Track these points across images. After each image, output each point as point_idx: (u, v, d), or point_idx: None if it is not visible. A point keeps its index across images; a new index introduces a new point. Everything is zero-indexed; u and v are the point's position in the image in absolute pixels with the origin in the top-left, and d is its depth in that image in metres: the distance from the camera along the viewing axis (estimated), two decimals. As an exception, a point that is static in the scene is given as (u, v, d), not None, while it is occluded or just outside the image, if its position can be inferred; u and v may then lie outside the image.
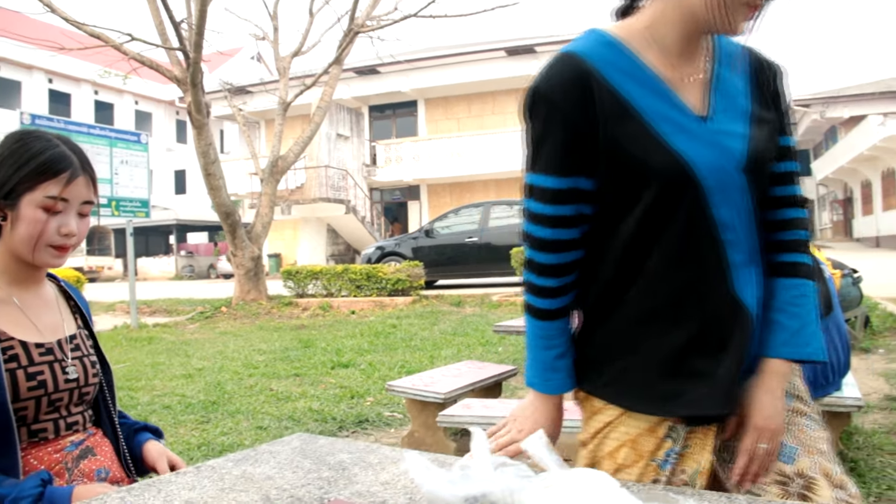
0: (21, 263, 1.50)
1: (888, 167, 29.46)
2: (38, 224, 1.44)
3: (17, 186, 1.43)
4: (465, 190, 26.29)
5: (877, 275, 12.13)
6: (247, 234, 12.88)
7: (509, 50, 25.00)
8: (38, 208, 1.44)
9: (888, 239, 29.35)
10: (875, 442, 3.87)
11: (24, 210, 1.44)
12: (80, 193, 1.50)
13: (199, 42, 10.75)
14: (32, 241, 1.45)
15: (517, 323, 4.04)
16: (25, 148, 1.46)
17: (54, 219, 1.47)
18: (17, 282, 1.53)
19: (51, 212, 1.46)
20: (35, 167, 1.44)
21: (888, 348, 6.75)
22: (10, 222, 1.45)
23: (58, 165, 1.46)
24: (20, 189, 1.43)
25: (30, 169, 1.44)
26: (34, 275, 1.56)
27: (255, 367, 6.94)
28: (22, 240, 1.45)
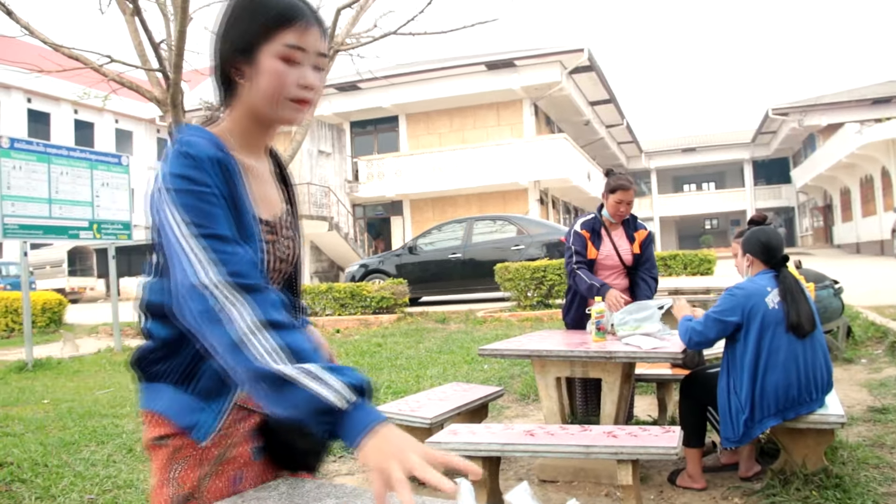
0: (258, 127, 1.44)
1: (866, 174, 29.78)
2: (279, 75, 1.35)
3: (255, 39, 1.35)
4: (448, 204, 26.34)
5: (858, 283, 12.23)
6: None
7: (489, 64, 25.11)
8: (276, 59, 1.35)
9: (868, 245, 29.64)
10: (860, 456, 3.91)
11: (263, 62, 1.35)
12: (315, 43, 1.39)
13: (178, 63, 10.73)
14: (276, 93, 1.37)
15: (503, 346, 4.05)
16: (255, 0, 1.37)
17: (293, 70, 1.37)
18: (252, 148, 1.47)
19: (290, 62, 1.36)
20: (273, 15, 1.35)
21: (870, 358, 6.79)
22: (248, 79, 1.38)
23: (294, 12, 1.37)
24: (258, 41, 1.35)
25: (267, 17, 1.35)
26: (266, 141, 1.50)
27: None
28: (265, 93, 1.37)
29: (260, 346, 1.13)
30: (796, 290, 3.45)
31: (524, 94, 26.07)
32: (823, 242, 39.91)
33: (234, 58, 1.37)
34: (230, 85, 1.40)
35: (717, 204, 48.97)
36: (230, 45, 1.37)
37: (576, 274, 4.49)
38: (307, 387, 1.09)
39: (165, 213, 1.24)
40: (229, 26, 1.37)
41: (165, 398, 1.34)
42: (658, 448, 2.89)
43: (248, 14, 1.36)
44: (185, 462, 1.33)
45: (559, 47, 24.81)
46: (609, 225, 4.68)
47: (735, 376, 3.44)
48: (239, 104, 1.40)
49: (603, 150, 38.89)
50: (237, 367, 1.14)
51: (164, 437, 1.33)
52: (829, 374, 3.54)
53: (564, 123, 30.97)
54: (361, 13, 13.73)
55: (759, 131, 42.03)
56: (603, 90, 28.93)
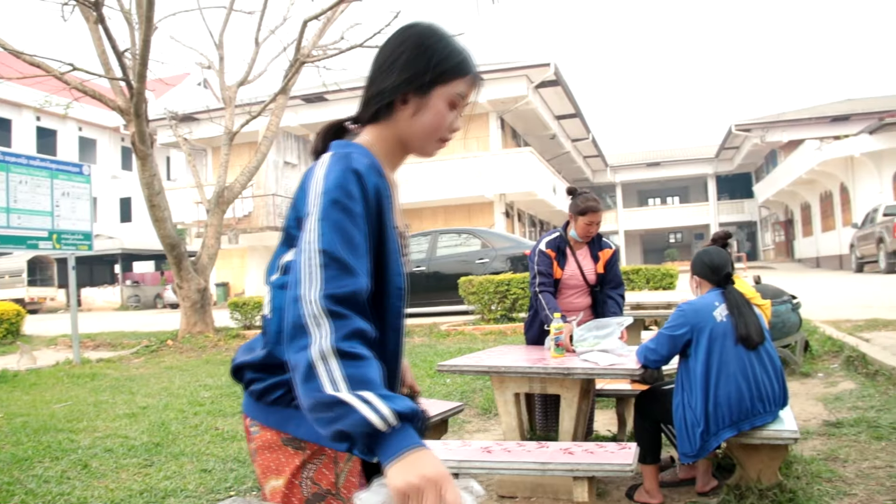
0: (401, 150, 1.58)
1: (826, 190, 30.29)
2: (442, 116, 1.52)
3: (435, 79, 1.49)
4: (414, 217, 26.33)
5: (817, 297, 12.42)
6: (193, 265, 12.72)
7: (457, 77, 25.17)
8: (445, 101, 1.51)
9: (827, 259, 30.14)
10: (814, 470, 3.96)
11: (433, 101, 1.51)
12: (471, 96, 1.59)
13: (142, 72, 10.64)
14: (434, 130, 1.53)
15: (461, 362, 4.05)
16: (444, 41, 1.52)
17: (451, 114, 1.54)
18: (391, 165, 1.59)
19: (452, 107, 1.54)
20: (456, 64, 1.51)
21: (827, 372, 6.88)
22: (412, 108, 1.51)
23: (471, 67, 1.55)
24: (437, 81, 1.50)
25: (452, 63, 1.51)
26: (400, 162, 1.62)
27: (202, 404, 6.83)
28: (424, 127, 1.52)
29: (326, 373, 1.19)
30: (743, 304, 3.55)
31: (490, 108, 26.18)
32: (785, 256, 40.49)
33: (406, 87, 1.49)
34: (387, 108, 1.52)
35: (682, 218, 49.48)
36: (408, 75, 1.49)
37: (538, 297, 4.51)
38: (357, 409, 1.16)
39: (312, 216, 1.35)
40: (411, 58, 1.49)
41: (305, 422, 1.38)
42: (613, 465, 2.92)
43: (435, 55, 1.49)
44: (321, 461, 1.45)
45: (526, 61, 24.94)
46: (574, 244, 4.69)
47: (689, 391, 3.49)
48: (390, 126, 1.54)
49: (569, 164, 39.15)
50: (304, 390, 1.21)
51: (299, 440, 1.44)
52: (783, 387, 3.60)
53: (530, 137, 31.14)
54: (328, 25, 13.73)
55: (722, 147, 42.57)
56: (569, 104, 29.14)
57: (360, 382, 1.19)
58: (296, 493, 1.45)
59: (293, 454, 1.44)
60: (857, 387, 6.08)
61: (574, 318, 4.32)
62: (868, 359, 6.66)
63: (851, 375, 6.56)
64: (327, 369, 1.19)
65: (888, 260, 20.30)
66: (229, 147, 13.92)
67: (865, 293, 13.76)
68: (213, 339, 12.15)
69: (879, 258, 20.93)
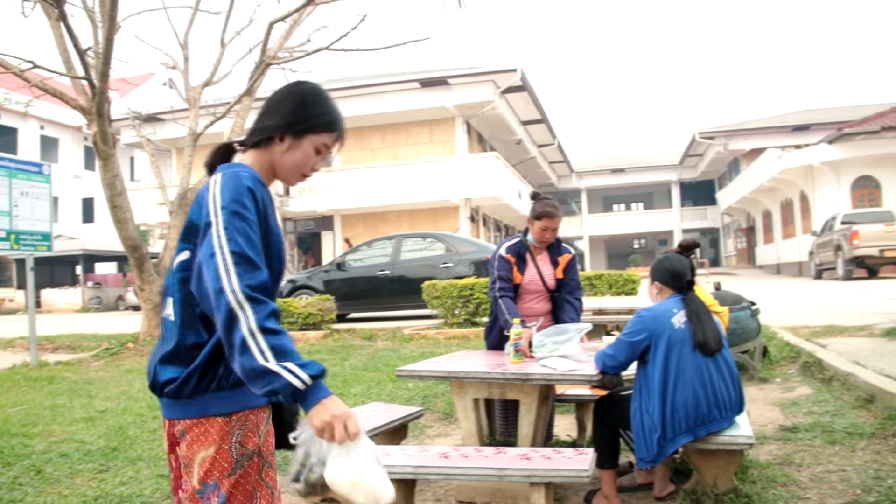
0: (271, 174, 1.94)
1: (786, 198, 30.74)
2: (308, 158, 1.93)
3: (309, 128, 1.90)
4: (379, 220, 26.28)
5: (776, 304, 12.59)
6: (155, 267, 12.57)
7: (423, 81, 25.20)
8: (312, 147, 1.92)
9: (788, 266, 30.58)
10: (769, 474, 4.01)
11: (304, 144, 1.91)
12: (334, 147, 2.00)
13: (105, 71, 10.50)
14: (299, 168, 1.93)
15: (421, 367, 4.05)
16: (323, 101, 1.94)
17: (315, 158, 1.95)
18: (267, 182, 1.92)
19: (317, 153, 1.94)
20: (328, 121, 1.94)
21: (784, 377, 6.97)
22: (286, 146, 1.90)
23: (339, 125, 1.97)
24: (311, 130, 1.90)
25: (325, 119, 1.93)
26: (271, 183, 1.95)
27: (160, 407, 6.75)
28: (291, 163, 1.92)
29: (256, 347, 1.57)
30: (702, 311, 3.58)
31: (457, 112, 26.23)
32: (746, 263, 41.00)
33: (285, 129, 1.89)
34: (268, 141, 1.90)
35: (646, 224, 49.91)
36: (289, 120, 1.88)
37: (498, 303, 4.52)
38: (283, 376, 1.55)
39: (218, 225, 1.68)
40: (295, 108, 1.89)
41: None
42: (570, 471, 2.93)
43: (314, 111, 1.90)
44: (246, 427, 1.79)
45: (492, 67, 25.03)
46: (534, 249, 4.71)
47: (646, 396, 3.52)
48: (267, 155, 1.92)
49: (534, 169, 39.33)
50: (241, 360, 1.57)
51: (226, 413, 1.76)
52: (739, 393, 3.65)
53: (496, 142, 31.24)
54: (295, 27, 13.65)
55: (686, 154, 43.05)
56: (535, 110, 29.28)
57: (282, 352, 1.57)
58: (225, 456, 1.74)
59: (221, 423, 1.74)
60: (813, 392, 6.16)
61: (534, 323, 4.34)
62: (824, 364, 6.77)
63: (808, 381, 6.65)
64: (256, 343, 1.57)
65: (846, 267, 20.66)
66: (193, 148, 13.78)
67: (823, 300, 13.97)
68: (175, 341, 12.01)
69: (837, 265, 21.29)
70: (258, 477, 1.77)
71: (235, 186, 1.73)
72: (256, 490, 1.77)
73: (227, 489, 1.73)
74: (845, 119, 29.65)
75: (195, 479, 1.74)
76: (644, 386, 3.55)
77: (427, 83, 25.26)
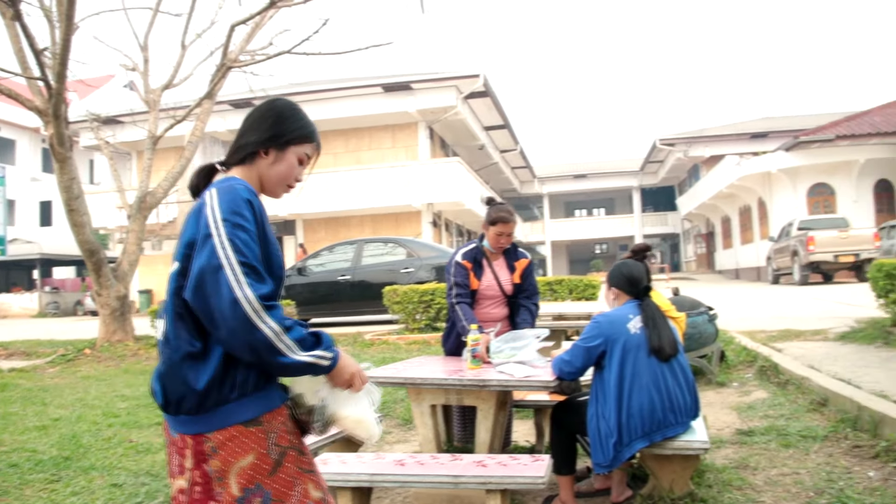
0: (259, 188, 2.02)
1: (745, 204, 31.18)
2: (292, 168, 2.04)
3: (291, 139, 2.02)
4: (341, 225, 26.16)
5: (734, 308, 12.75)
6: (113, 271, 12.39)
7: (386, 86, 25.16)
8: (295, 157, 2.04)
9: (746, 271, 31.01)
10: (725, 478, 4.05)
11: (288, 155, 2.03)
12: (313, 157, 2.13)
13: (61, 72, 10.34)
14: (285, 178, 2.04)
15: (377, 373, 4.01)
16: (299, 115, 2.06)
17: (298, 168, 2.06)
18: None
19: (300, 162, 2.07)
20: (308, 132, 2.06)
21: (741, 381, 7.04)
22: (272, 158, 2.01)
23: (317, 135, 2.10)
24: (293, 142, 2.03)
25: (304, 131, 2.05)
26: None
27: (116, 415, 6.65)
28: (278, 175, 2.03)
29: (284, 345, 1.73)
30: (658, 316, 3.60)
31: (420, 118, 26.23)
32: (706, 268, 41.49)
33: (269, 143, 2.00)
34: (252, 156, 2.01)
35: (607, 229, 50.32)
36: (272, 133, 2.00)
37: (455, 309, 4.51)
38: (314, 364, 1.80)
39: (220, 237, 1.75)
40: (276, 122, 2.01)
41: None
42: (526, 478, 2.94)
43: (293, 123, 2.03)
44: (279, 428, 1.88)
45: (455, 72, 25.07)
46: (490, 255, 4.71)
47: (603, 402, 3.53)
48: (253, 170, 2.01)
49: (497, 175, 39.47)
50: (272, 360, 1.74)
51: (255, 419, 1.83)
52: (694, 398, 3.68)
53: (459, 147, 31.30)
54: (257, 30, 13.56)
55: (647, 160, 43.50)
56: (498, 116, 29.38)
57: (305, 343, 1.78)
58: (265, 460, 1.82)
59: (255, 432, 1.82)
60: (768, 396, 6.24)
61: (491, 329, 4.34)
62: (780, 368, 6.86)
63: (764, 385, 6.73)
64: (283, 342, 1.72)
65: (802, 272, 21.01)
66: (153, 151, 13.62)
67: (780, 305, 14.18)
68: (133, 347, 11.86)
69: (794, 270, 21.64)
70: (296, 467, 1.88)
71: (233, 198, 1.82)
72: (297, 479, 1.87)
73: (270, 487, 1.82)
74: (802, 127, 30.19)
75: (234, 488, 1.80)
76: (600, 391, 3.57)
77: (390, 88, 25.23)
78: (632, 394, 3.46)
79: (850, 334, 8.63)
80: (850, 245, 20.21)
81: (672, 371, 3.56)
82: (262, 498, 1.80)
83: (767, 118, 41.96)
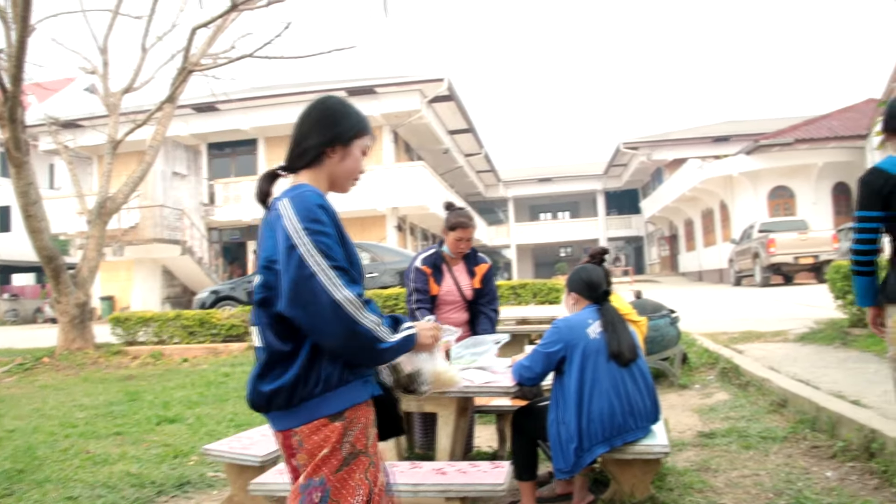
0: (330, 187, 2.13)
1: (707, 207, 31.50)
2: (358, 161, 2.14)
3: (354, 135, 2.10)
4: (306, 230, 25.97)
5: (697, 310, 12.87)
6: (72, 278, 12.20)
7: (350, 90, 25.09)
8: (359, 150, 2.13)
9: (709, 273, 31.32)
10: (686, 481, 4.06)
11: (353, 150, 2.11)
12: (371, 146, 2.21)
13: (17, 75, 10.17)
14: (353, 172, 2.14)
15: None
16: (354, 109, 2.13)
17: (362, 160, 2.16)
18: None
19: (363, 155, 2.15)
20: (365, 125, 2.14)
21: (703, 384, 7.10)
22: (339, 156, 2.09)
23: (370, 127, 2.17)
24: (355, 136, 2.10)
25: (362, 125, 2.12)
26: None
27: (74, 425, 6.53)
28: (347, 170, 2.12)
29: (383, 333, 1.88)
30: (617, 321, 3.61)
31: (384, 121, 26.18)
32: (670, 270, 41.85)
33: (334, 141, 2.06)
34: (318, 157, 2.07)
35: (572, 232, 50.54)
36: (336, 132, 2.07)
37: (415, 315, 4.48)
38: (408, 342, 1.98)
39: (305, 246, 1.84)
40: (336, 119, 2.08)
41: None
42: (485, 485, 2.92)
43: (352, 118, 2.11)
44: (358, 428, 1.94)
45: (420, 76, 25.08)
46: (450, 260, 4.70)
47: (563, 407, 3.53)
48: (322, 171, 2.08)
49: (462, 179, 39.51)
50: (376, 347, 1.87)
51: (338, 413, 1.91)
52: (654, 403, 3.68)
53: (424, 151, 31.30)
54: (218, 33, 13.46)
55: (611, 164, 43.82)
56: (462, 120, 29.43)
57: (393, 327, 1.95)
58: (336, 454, 1.89)
59: (337, 426, 1.89)
60: (730, 397, 6.30)
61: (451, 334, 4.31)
62: (741, 370, 6.92)
63: (725, 386, 6.79)
64: (382, 331, 1.87)
65: (763, 274, 21.27)
66: (112, 156, 13.44)
67: (742, 306, 14.35)
68: (93, 355, 11.69)
69: (755, 272, 21.91)
70: (362, 475, 1.93)
71: (308, 206, 1.90)
72: (359, 487, 1.92)
73: (332, 484, 1.89)
74: (763, 131, 30.62)
75: (302, 477, 1.92)
76: (560, 396, 3.56)
77: (354, 92, 25.16)
78: (592, 399, 3.46)
79: (809, 335, 8.75)
80: (810, 247, 20.51)
81: (632, 376, 3.56)
82: (322, 493, 1.89)
83: (729, 122, 42.53)
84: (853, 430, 4.39)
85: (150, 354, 11.56)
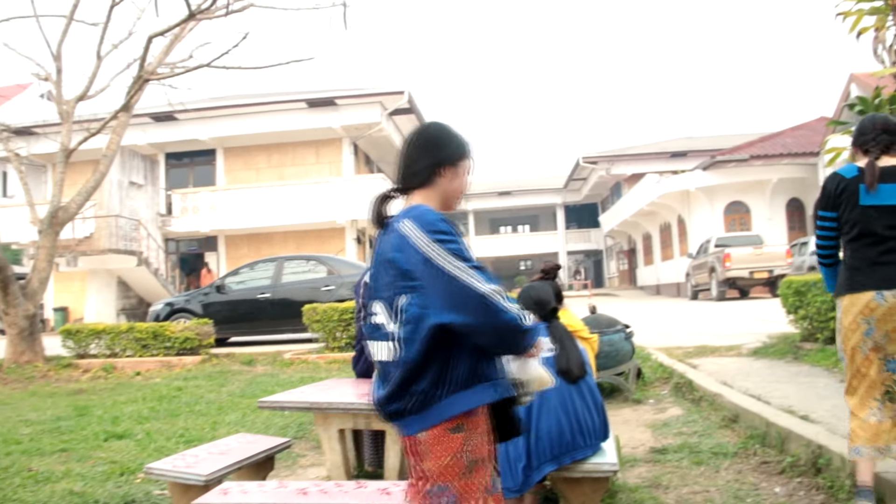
0: (442, 206, 2.20)
1: (665, 221, 31.83)
2: (465, 180, 2.25)
3: (462, 156, 2.22)
4: (264, 241, 25.81)
5: (653, 325, 12.96)
6: (22, 289, 11.94)
7: (310, 102, 25.00)
8: (466, 170, 2.25)
9: (667, 287, 31.63)
10: (637, 498, 4.07)
11: (460, 170, 2.22)
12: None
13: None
14: (461, 190, 2.24)
15: (283, 398, 3.92)
16: (457, 132, 2.25)
17: (467, 179, 2.26)
18: None
19: (468, 174, 2.26)
20: (470, 146, 2.26)
21: (657, 399, 7.13)
22: (449, 176, 2.19)
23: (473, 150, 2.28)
24: (463, 158, 2.23)
25: (468, 146, 2.25)
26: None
27: (18, 442, 6.36)
28: (457, 190, 2.23)
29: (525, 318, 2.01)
30: (566, 338, 3.61)
31: (344, 133, 26.12)
32: (628, 284, 42.20)
33: (444, 162, 2.18)
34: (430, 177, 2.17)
35: (532, 246, 50.77)
36: (447, 153, 2.19)
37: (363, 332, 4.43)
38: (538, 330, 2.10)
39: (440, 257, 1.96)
40: (445, 142, 2.21)
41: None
42: (431, 505, 2.88)
43: (458, 139, 2.23)
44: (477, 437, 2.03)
45: (380, 88, 25.08)
46: None
47: (511, 426, 3.50)
48: (435, 190, 2.19)
49: (423, 191, 39.45)
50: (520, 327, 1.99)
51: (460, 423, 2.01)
52: (603, 420, 3.67)
53: (384, 163, 31.25)
54: (176, 42, 13.31)
55: (570, 178, 44.11)
56: (423, 132, 29.40)
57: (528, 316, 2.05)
58: (459, 463, 1.99)
59: (456, 437, 1.99)
60: (683, 412, 6.33)
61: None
62: (694, 385, 6.97)
63: (679, 401, 6.83)
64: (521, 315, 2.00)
65: (719, 288, 21.54)
66: (65, 165, 13.19)
67: (698, 321, 14.48)
68: (43, 368, 11.42)
69: (712, 286, 22.17)
70: (483, 484, 2.03)
71: (429, 220, 2.02)
72: (480, 495, 2.02)
73: (456, 491, 1.99)
74: (720, 147, 31.08)
75: (430, 482, 2.01)
76: (509, 414, 3.53)
77: (314, 103, 25.07)
78: (540, 417, 3.44)
79: (762, 349, 8.85)
80: (765, 262, 20.82)
81: (580, 393, 3.55)
82: (447, 499, 2.00)
83: (687, 138, 43.10)
84: (801, 446, 4.43)
85: (102, 367, 11.33)
